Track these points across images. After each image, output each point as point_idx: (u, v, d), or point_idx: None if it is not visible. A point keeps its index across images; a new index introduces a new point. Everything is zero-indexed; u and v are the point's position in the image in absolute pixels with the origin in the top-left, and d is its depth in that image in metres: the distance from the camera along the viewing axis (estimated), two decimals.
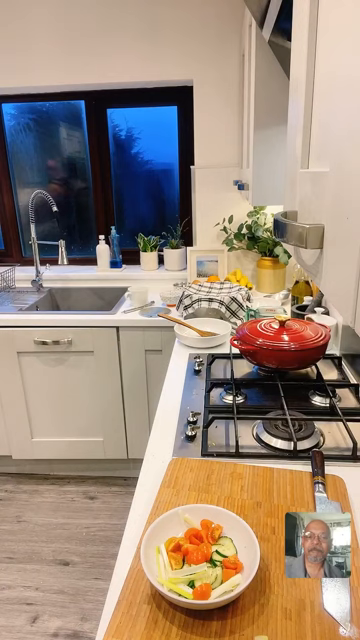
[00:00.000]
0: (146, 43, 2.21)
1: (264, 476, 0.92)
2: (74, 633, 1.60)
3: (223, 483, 0.91)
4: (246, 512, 0.83)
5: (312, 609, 0.64)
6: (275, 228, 0.56)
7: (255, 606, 0.65)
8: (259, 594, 0.67)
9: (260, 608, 0.64)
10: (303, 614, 0.63)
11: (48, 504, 2.20)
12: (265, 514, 0.82)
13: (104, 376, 2.16)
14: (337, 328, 1.54)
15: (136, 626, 0.62)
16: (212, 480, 0.92)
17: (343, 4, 0.44)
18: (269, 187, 1.53)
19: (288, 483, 0.90)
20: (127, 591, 0.68)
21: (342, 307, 0.43)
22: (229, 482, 0.91)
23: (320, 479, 0.88)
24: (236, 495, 0.87)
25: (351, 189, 0.39)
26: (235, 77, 2.21)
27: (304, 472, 0.93)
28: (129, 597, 0.67)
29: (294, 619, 0.63)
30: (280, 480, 0.91)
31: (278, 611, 0.64)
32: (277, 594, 0.66)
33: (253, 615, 0.63)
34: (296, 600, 0.65)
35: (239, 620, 0.63)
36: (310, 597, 0.66)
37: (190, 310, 1.87)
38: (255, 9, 1.21)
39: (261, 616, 0.63)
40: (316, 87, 0.56)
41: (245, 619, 0.63)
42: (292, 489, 0.88)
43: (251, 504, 0.85)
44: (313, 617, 0.63)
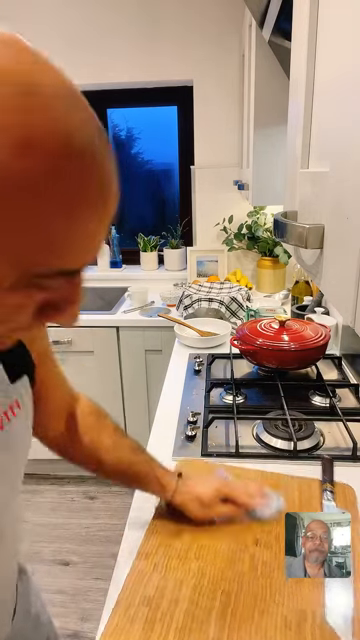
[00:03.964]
0: (146, 43, 2.21)
1: (271, 482, 0.90)
2: (74, 633, 1.60)
3: None
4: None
5: (313, 620, 0.63)
6: (275, 228, 0.56)
7: (254, 612, 0.64)
8: (259, 601, 0.66)
9: (259, 615, 0.63)
10: (304, 625, 0.62)
11: (48, 504, 2.19)
12: (271, 520, 0.79)
13: (104, 376, 2.16)
14: (337, 328, 1.54)
15: (133, 628, 0.62)
16: None
17: (343, 4, 0.44)
18: (269, 187, 1.53)
19: (296, 489, 0.88)
20: (126, 592, 0.67)
21: (342, 307, 0.43)
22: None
23: (329, 487, 0.86)
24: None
25: (351, 189, 0.39)
26: (235, 77, 2.21)
27: (313, 479, 0.91)
28: (128, 598, 0.66)
29: (294, 629, 0.61)
30: (288, 486, 0.89)
31: (278, 619, 0.63)
32: (278, 602, 0.65)
33: (252, 621, 0.63)
34: (297, 610, 0.64)
35: (237, 625, 0.62)
36: (312, 607, 0.64)
37: (190, 310, 1.87)
38: (255, 9, 1.21)
39: (260, 623, 0.62)
40: (316, 87, 0.56)
41: (243, 625, 0.62)
42: (300, 495, 0.86)
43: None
44: (314, 628, 0.62)
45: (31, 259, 0.30)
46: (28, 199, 0.27)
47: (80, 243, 0.31)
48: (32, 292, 0.32)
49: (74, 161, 0.28)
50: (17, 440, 0.53)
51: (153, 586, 0.68)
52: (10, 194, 0.27)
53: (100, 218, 0.32)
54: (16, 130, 0.26)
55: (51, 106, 0.28)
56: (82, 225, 0.30)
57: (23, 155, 0.26)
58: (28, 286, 0.31)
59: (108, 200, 0.32)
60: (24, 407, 0.54)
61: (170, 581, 0.69)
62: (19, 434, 0.54)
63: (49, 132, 0.27)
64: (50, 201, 0.28)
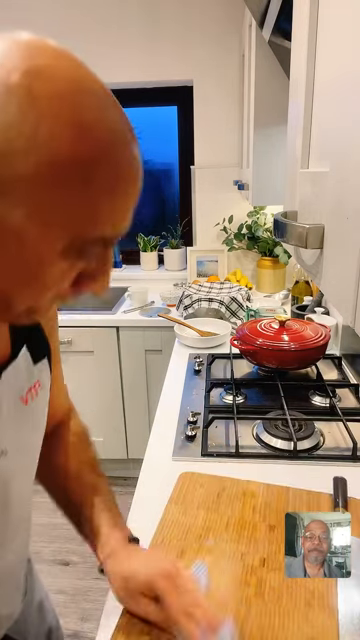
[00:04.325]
0: (146, 43, 2.20)
1: (279, 496, 0.86)
2: (74, 633, 1.59)
3: (234, 502, 0.85)
4: (257, 536, 0.77)
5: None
6: (275, 228, 0.56)
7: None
8: (267, 628, 0.62)
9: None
10: None
11: (48, 504, 2.18)
12: (279, 540, 0.75)
13: (104, 376, 2.16)
14: (337, 328, 1.54)
15: None
16: (223, 498, 0.86)
17: (343, 4, 0.44)
18: (269, 187, 1.53)
19: (304, 505, 0.84)
20: (127, 617, 0.62)
21: (342, 307, 0.43)
22: (240, 501, 0.85)
23: (342, 511, 0.82)
24: (248, 517, 0.81)
25: (351, 189, 0.39)
26: (235, 77, 2.21)
27: (322, 494, 0.87)
28: (127, 626, 0.61)
29: None
30: (296, 501, 0.85)
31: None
32: (287, 629, 0.61)
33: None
34: (308, 638, 0.60)
35: None
36: (324, 634, 0.61)
37: (190, 310, 1.87)
38: (255, 9, 1.21)
39: None
40: (316, 87, 0.56)
41: None
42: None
43: (263, 527, 0.79)
44: None
45: (80, 227, 0.36)
46: (83, 178, 0.34)
47: (118, 215, 0.38)
48: (75, 260, 0.39)
49: (117, 146, 0.36)
50: (40, 416, 0.59)
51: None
52: (70, 174, 0.34)
53: (133, 194, 0.39)
54: (71, 118, 0.33)
55: (98, 102, 0.35)
56: (121, 199, 0.38)
57: (80, 141, 0.33)
58: (74, 252, 0.38)
59: (138, 179, 0.39)
60: (44, 387, 0.59)
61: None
62: (41, 411, 0.59)
63: (98, 122, 0.35)
64: (100, 179, 0.35)
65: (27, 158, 0.32)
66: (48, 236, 0.36)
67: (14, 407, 0.53)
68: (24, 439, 0.56)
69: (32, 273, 0.38)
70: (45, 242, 0.36)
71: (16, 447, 0.54)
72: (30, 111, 0.32)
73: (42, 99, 0.32)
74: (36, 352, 0.57)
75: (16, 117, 0.32)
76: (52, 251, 0.37)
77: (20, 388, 0.54)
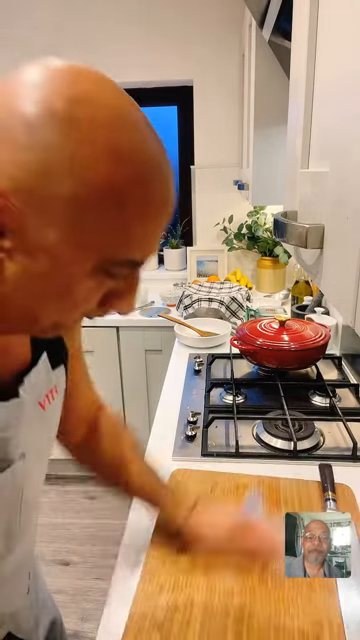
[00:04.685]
0: (146, 43, 2.20)
1: (270, 487, 0.89)
2: (74, 633, 1.59)
3: (228, 495, 0.87)
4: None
5: (331, 631, 0.61)
6: (275, 228, 0.56)
7: (270, 631, 0.62)
8: (274, 616, 0.64)
9: (275, 633, 0.62)
10: (322, 638, 0.60)
11: (48, 504, 2.19)
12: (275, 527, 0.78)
13: (104, 376, 2.16)
14: (337, 328, 1.54)
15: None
16: (216, 492, 0.88)
17: (343, 4, 0.44)
18: (269, 187, 1.53)
19: (295, 494, 0.87)
20: (134, 617, 0.64)
21: (342, 307, 0.43)
22: (234, 494, 0.87)
23: (331, 495, 0.86)
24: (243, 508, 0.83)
25: (351, 189, 0.39)
26: (235, 77, 2.21)
27: (310, 482, 0.90)
28: (137, 623, 0.64)
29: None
30: (287, 491, 0.88)
31: (295, 635, 0.61)
32: (293, 616, 0.64)
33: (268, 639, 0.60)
34: (313, 622, 0.62)
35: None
36: (328, 617, 0.63)
37: (190, 310, 1.87)
38: (255, 9, 1.21)
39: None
40: (316, 87, 0.56)
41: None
42: (299, 501, 0.85)
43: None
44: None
45: (112, 250, 0.37)
46: (117, 204, 0.35)
47: (148, 239, 0.39)
48: (104, 279, 0.39)
49: (153, 175, 0.37)
50: (54, 421, 0.60)
51: (162, 609, 0.66)
52: (105, 199, 0.35)
53: (164, 220, 0.40)
54: (110, 144, 0.34)
55: (137, 131, 0.36)
56: (152, 226, 0.39)
57: (117, 168, 0.34)
58: (103, 272, 0.38)
59: (169, 208, 0.40)
60: (60, 393, 0.60)
61: (179, 602, 0.67)
62: (55, 415, 0.60)
63: (136, 151, 0.36)
64: (134, 206, 0.36)
65: (65, 180, 0.33)
66: (79, 256, 0.37)
67: (34, 411, 0.54)
68: (40, 443, 0.57)
69: (61, 291, 0.38)
70: (76, 262, 0.37)
71: (33, 451, 0.55)
72: (71, 135, 0.33)
73: (83, 124, 0.33)
74: (55, 358, 0.58)
75: (57, 140, 0.33)
76: (82, 271, 0.37)
77: (39, 393, 0.55)
